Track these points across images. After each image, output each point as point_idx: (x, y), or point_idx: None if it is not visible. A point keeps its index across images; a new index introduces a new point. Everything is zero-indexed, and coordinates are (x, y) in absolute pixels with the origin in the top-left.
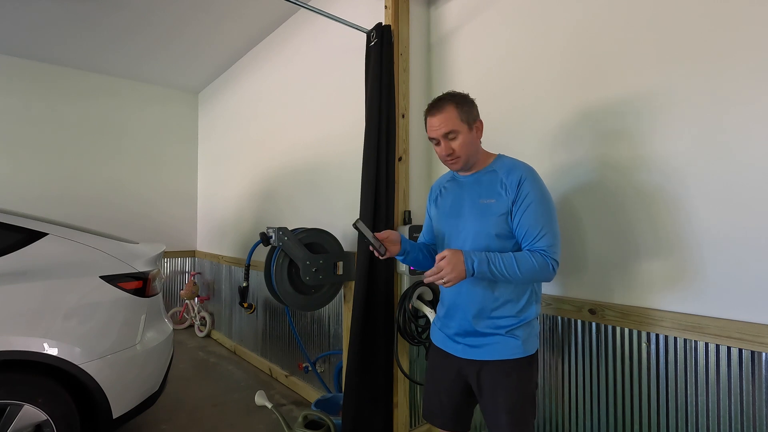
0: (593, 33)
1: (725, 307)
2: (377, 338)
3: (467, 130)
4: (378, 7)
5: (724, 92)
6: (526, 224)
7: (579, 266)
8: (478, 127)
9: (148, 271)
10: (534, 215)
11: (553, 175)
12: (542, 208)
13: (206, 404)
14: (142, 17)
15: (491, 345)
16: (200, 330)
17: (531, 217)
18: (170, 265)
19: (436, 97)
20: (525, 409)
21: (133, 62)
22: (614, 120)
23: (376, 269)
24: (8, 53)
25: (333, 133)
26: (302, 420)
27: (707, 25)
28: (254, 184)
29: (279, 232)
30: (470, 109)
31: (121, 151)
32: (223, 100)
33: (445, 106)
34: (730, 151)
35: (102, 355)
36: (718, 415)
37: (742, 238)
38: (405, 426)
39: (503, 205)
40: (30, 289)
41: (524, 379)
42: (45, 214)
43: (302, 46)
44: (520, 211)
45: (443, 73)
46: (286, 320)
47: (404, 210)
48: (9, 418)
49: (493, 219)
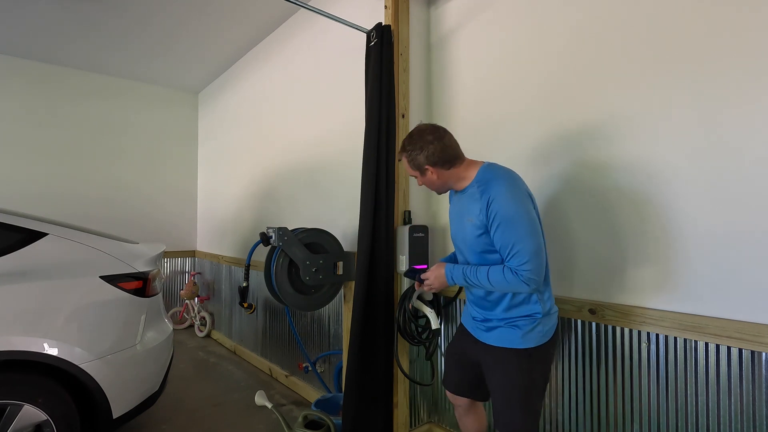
0: (593, 34)
1: (725, 307)
2: (377, 338)
3: (421, 175)
4: (378, 7)
5: (716, 93)
6: (498, 243)
7: (579, 266)
8: (431, 171)
9: (148, 271)
10: (503, 235)
11: (553, 175)
12: (511, 228)
13: (206, 404)
14: (143, 18)
15: (494, 332)
16: (200, 330)
17: (501, 238)
18: (170, 265)
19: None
20: (517, 396)
21: (134, 62)
22: (611, 121)
23: (376, 269)
24: (8, 53)
25: (333, 132)
26: (302, 420)
27: (685, 35)
28: (254, 183)
29: (279, 232)
30: (417, 156)
31: (122, 151)
32: (223, 100)
33: (401, 156)
34: (727, 152)
35: (102, 355)
36: (718, 415)
37: (742, 238)
38: (405, 426)
39: (480, 226)
40: (30, 289)
41: (520, 368)
42: (45, 214)
43: (302, 46)
44: (492, 230)
45: (443, 73)
46: (286, 320)
47: (404, 210)
48: (9, 418)
49: (473, 239)
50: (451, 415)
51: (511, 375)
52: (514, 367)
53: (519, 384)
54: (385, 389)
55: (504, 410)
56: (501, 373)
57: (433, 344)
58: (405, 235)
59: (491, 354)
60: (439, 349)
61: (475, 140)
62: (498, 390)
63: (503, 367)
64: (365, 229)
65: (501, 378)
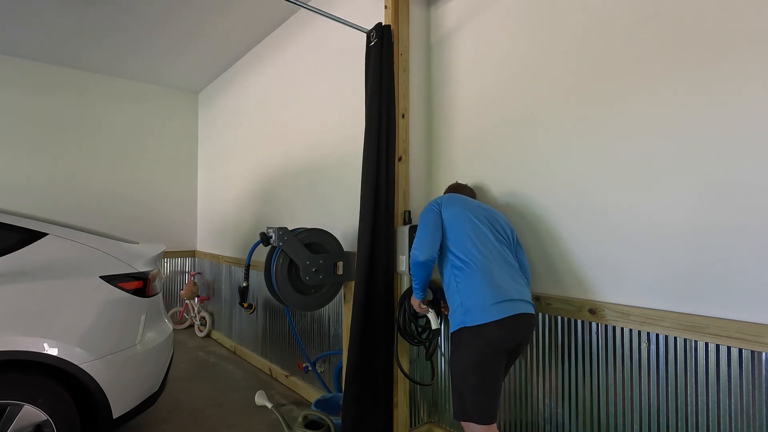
0: (594, 33)
1: (725, 307)
2: (377, 338)
3: None
4: (378, 7)
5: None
6: None
7: (579, 266)
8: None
9: (148, 271)
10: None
11: (552, 176)
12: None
13: (206, 404)
14: (142, 18)
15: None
16: (200, 330)
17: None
18: (170, 265)
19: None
20: (453, 373)
21: (134, 63)
22: (611, 120)
23: (376, 269)
24: (8, 53)
25: (333, 132)
26: (302, 420)
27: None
28: (254, 183)
29: (279, 232)
30: None
31: (122, 151)
32: (223, 100)
33: None
34: (726, 150)
35: (102, 355)
36: (718, 415)
37: (742, 237)
38: (405, 426)
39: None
40: (30, 289)
41: (452, 347)
42: (45, 214)
43: (302, 46)
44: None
45: (443, 73)
46: (286, 320)
47: (404, 210)
48: (9, 418)
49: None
50: (451, 415)
51: (452, 354)
52: (452, 347)
53: (452, 363)
54: (385, 389)
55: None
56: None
57: (433, 344)
58: (405, 235)
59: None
60: (439, 349)
61: (476, 140)
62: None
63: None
64: (365, 229)
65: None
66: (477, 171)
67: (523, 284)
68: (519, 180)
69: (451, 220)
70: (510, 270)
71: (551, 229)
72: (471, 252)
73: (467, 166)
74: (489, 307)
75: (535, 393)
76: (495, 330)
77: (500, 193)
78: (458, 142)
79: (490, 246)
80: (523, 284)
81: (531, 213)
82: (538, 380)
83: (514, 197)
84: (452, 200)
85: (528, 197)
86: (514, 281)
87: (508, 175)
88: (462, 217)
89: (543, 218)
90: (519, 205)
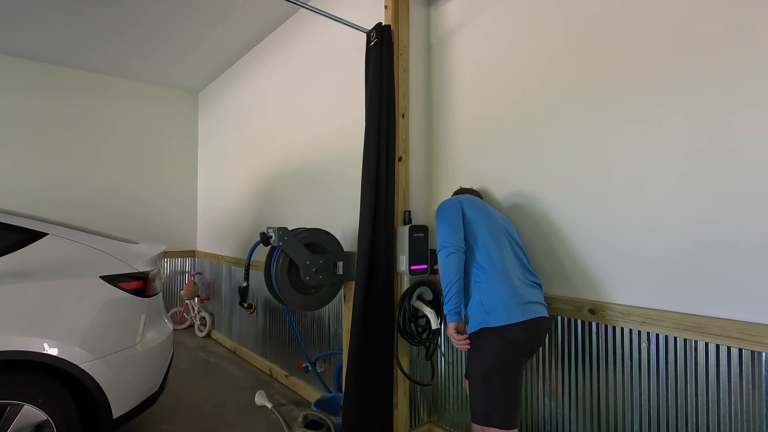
0: (593, 33)
1: (725, 307)
2: (377, 338)
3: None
4: (378, 7)
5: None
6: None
7: (579, 266)
8: None
9: (148, 271)
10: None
11: (552, 176)
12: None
13: (206, 404)
14: (143, 18)
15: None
16: (200, 330)
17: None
18: (170, 265)
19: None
20: (473, 376)
21: (134, 62)
22: (611, 119)
23: (376, 269)
24: (8, 54)
25: (333, 132)
26: (302, 420)
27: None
28: (254, 183)
29: (279, 232)
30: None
31: (122, 151)
32: (223, 100)
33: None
34: (728, 152)
35: (102, 355)
36: (718, 415)
37: (742, 238)
38: (405, 426)
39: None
40: (30, 289)
41: (472, 349)
42: (45, 214)
43: (302, 46)
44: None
45: (443, 73)
46: (286, 320)
47: (404, 210)
48: (9, 418)
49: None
50: (451, 415)
51: (469, 357)
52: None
53: (471, 364)
54: (385, 389)
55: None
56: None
57: (433, 344)
58: (405, 235)
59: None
60: (439, 349)
61: (476, 140)
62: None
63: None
64: (365, 229)
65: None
66: (477, 171)
67: (537, 288)
68: (519, 180)
69: (474, 219)
70: (526, 273)
71: (551, 230)
72: (492, 253)
73: (467, 166)
74: (512, 307)
75: (535, 393)
76: (519, 332)
77: (501, 194)
78: (458, 142)
79: (508, 248)
80: (538, 288)
81: (531, 213)
82: (538, 380)
83: (515, 197)
84: (473, 201)
85: (528, 197)
86: (530, 285)
87: (508, 175)
88: (485, 217)
89: (543, 218)
90: (519, 205)
